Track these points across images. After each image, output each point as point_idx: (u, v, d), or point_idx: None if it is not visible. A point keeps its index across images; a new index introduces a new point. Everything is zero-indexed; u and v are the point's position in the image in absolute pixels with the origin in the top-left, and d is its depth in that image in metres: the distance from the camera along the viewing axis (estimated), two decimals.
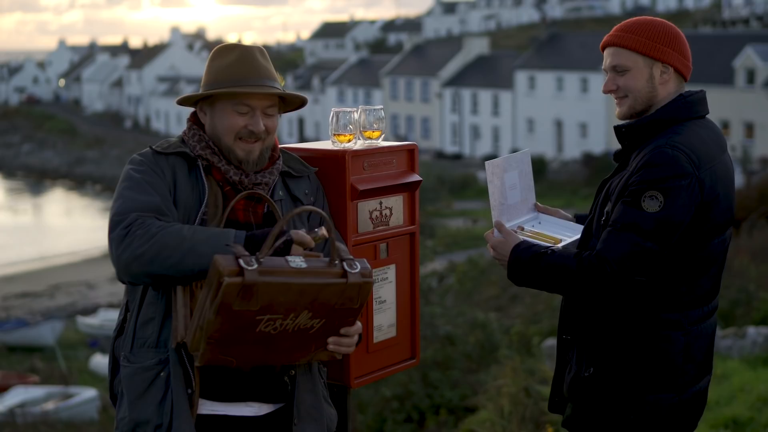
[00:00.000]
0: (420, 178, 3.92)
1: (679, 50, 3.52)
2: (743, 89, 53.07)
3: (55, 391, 24.43)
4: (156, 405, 3.20)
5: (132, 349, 3.27)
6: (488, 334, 14.39)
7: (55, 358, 29.15)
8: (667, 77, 3.51)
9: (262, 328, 3.02)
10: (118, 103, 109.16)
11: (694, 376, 3.51)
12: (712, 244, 3.44)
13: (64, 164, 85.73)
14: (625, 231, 3.32)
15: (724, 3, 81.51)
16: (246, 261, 2.94)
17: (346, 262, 3.09)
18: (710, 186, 3.39)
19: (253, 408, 3.32)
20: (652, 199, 3.30)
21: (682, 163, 3.32)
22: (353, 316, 3.15)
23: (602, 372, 3.49)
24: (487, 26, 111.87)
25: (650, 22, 3.55)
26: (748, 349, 11.22)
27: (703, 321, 3.51)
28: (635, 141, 3.50)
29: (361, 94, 76.61)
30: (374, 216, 3.77)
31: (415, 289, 3.98)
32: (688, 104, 3.51)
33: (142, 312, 3.27)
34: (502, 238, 3.59)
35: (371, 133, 3.77)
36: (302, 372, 3.35)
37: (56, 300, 38.99)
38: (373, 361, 3.83)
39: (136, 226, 3.10)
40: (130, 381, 3.25)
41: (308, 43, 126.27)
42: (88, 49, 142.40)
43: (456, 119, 69.85)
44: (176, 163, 3.31)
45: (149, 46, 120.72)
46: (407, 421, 12.81)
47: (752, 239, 17.26)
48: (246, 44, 3.40)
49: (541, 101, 64.59)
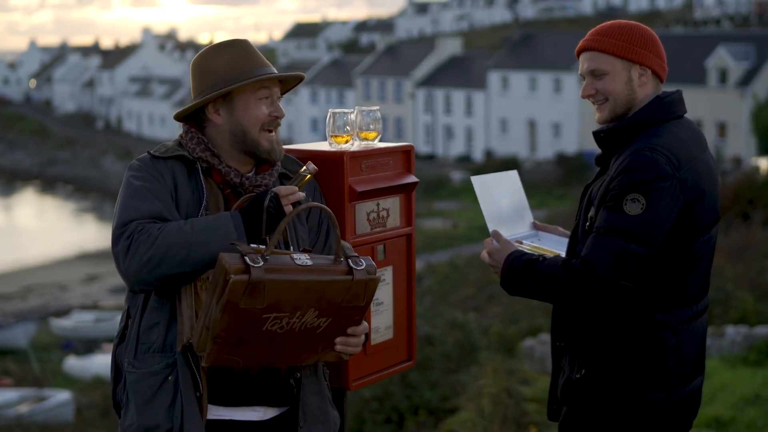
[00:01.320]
0: (417, 180, 3.91)
1: (656, 52, 3.53)
2: (716, 89, 53.40)
3: (28, 393, 24.30)
4: (165, 409, 3.17)
5: (136, 355, 3.24)
6: (467, 335, 14.37)
7: (28, 361, 28.96)
8: (645, 79, 3.52)
9: (268, 327, 3.00)
10: (89, 103, 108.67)
11: (686, 376, 3.51)
12: (697, 243, 3.44)
13: (35, 165, 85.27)
14: (608, 235, 3.31)
15: (696, 3, 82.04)
16: (252, 258, 2.93)
17: (351, 259, 3.09)
18: (692, 186, 3.39)
19: (259, 412, 3.30)
20: (634, 202, 3.30)
21: (661, 165, 3.32)
22: (360, 314, 3.14)
23: (594, 373, 3.48)
24: (459, 26, 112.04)
25: (625, 25, 3.56)
26: (728, 349, 11.28)
27: (693, 320, 3.50)
28: (614, 145, 3.50)
29: (334, 94, 76.54)
30: (371, 217, 3.76)
31: (411, 290, 3.96)
32: (665, 105, 3.51)
33: (145, 318, 3.23)
34: (499, 246, 3.57)
35: (368, 134, 3.75)
36: (308, 374, 3.34)
37: (29, 302, 38.77)
38: (371, 363, 3.82)
39: (137, 234, 3.10)
40: (137, 387, 3.21)
41: (280, 44, 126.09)
42: (59, 49, 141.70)
43: (429, 119, 69.91)
44: (175, 167, 3.28)
45: (121, 47, 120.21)
46: (387, 422, 12.78)
47: (728, 238, 17.34)
48: (236, 39, 3.40)
49: (514, 101, 64.75)
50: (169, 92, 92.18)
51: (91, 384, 25.73)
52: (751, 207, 19.85)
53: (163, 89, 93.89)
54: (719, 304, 13.10)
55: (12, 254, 48.84)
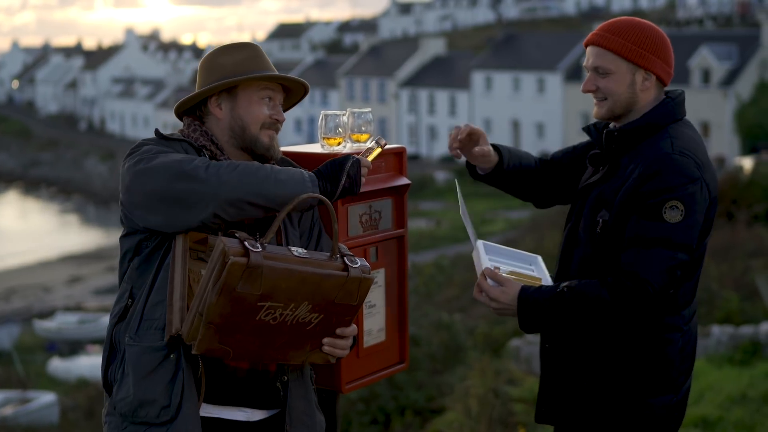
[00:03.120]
0: (409, 182, 3.90)
1: (664, 58, 3.47)
2: (699, 89, 53.52)
3: (12, 396, 24.20)
4: (164, 385, 3.14)
5: (138, 331, 3.20)
6: (453, 335, 14.39)
7: (12, 363, 28.85)
8: (649, 84, 3.47)
9: (262, 317, 3.01)
10: (72, 104, 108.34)
11: (686, 373, 3.52)
12: (704, 243, 3.45)
13: (18, 166, 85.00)
14: (654, 246, 3.26)
15: (679, 3, 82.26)
16: (251, 243, 2.95)
17: (346, 257, 3.11)
18: (713, 187, 3.40)
19: (246, 413, 3.29)
20: (673, 209, 3.27)
21: (691, 168, 3.31)
22: (350, 314, 3.15)
23: (599, 378, 3.46)
24: (443, 27, 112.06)
25: (637, 25, 3.49)
26: (713, 348, 11.32)
27: (692, 318, 3.52)
28: (626, 145, 3.45)
29: (318, 95, 76.48)
30: (364, 220, 3.75)
31: (403, 293, 3.94)
32: (675, 106, 3.48)
33: (152, 296, 3.20)
34: (501, 287, 3.44)
35: (360, 136, 3.74)
36: (295, 378, 3.33)
37: (12, 303, 38.62)
38: (364, 365, 3.81)
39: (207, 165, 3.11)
40: (138, 360, 3.17)
41: (264, 44, 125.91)
42: (41, 50, 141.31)
43: (413, 120, 69.92)
44: (184, 148, 3.29)
45: (103, 48, 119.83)
46: (373, 423, 12.79)
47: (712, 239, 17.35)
48: (252, 43, 3.44)
49: (498, 101, 64.79)
50: (152, 93, 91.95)
51: (76, 386, 25.65)
52: (734, 207, 19.93)
53: (147, 90, 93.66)
54: (704, 304, 13.15)
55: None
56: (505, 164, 3.79)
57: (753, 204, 20.53)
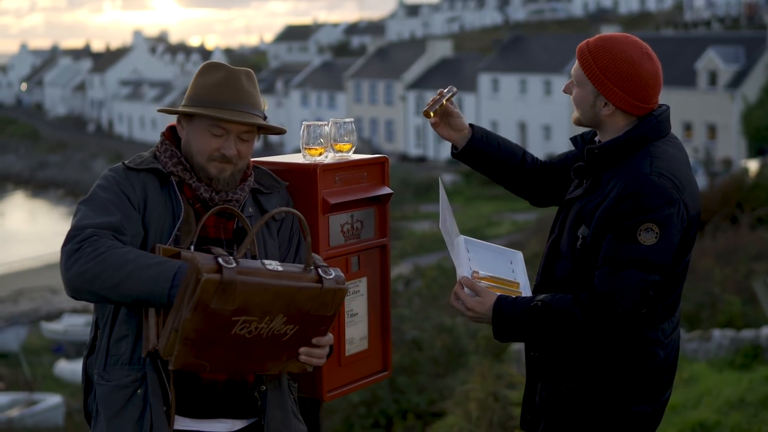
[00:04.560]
0: (391, 191, 3.92)
1: (630, 92, 3.40)
2: (705, 91, 53.46)
3: (19, 397, 24.27)
4: (134, 422, 3.18)
5: (106, 367, 3.24)
6: (455, 339, 14.37)
7: (20, 365, 28.92)
8: (609, 111, 3.44)
9: (237, 331, 3.02)
10: (80, 107, 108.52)
11: (667, 384, 3.55)
12: (684, 261, 3.46)
13: (26, 169, 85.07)
14: (627, 268, 3.27)
15: (686, 5, 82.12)
16: (225, 260, 2.96)
17: (321, 268, 3.11)
18: (691, 206, 3.39)
19: (226, 424, 3.32)
20: (648, 232, 3.26)
21: (669, 190, 3.30)
22: (326, 325, 3.16)
23: (581, 386, 3.48)
24: (450, 29, 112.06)
25: (614, 52, 3.41)
26: (714, 352, 11.29)
27: (674, 331, 3.53)
28: (608, 162, 3.44)
29: (325, 97, 76.53)
30: (345, 229, 3.77)
31: (386, 301, 3.97)
32: (658, 124, 3.45)
33: (115, 330, 3.24)
34: (478, 297, 3.48)
35: (342, 146, 3.77)
36: (272, 388, 3.36)
37: (20, 305, 38.67)
38: (345, 373, 3.83)
39: (87, 243, 3.09)
40: (107, 399, 3.22)
41: (271, 46, 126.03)
42: (50, 52, 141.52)
43: (420, 122, 69.87)
44: (147, 180, 3.29)
45: (112, 50, 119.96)
46: (375, 427, 12.79)
47: (716, 242, 17.33)
48: (232, 67, 3.38)
49: (505, 104, 64.76)
50: (160, 95, 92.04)
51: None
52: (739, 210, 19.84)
53: (154, 92, 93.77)
54: (706, 308, 13.12)
55: (3, 258, 48.76)
56: (476, 137, 3.79)
57: (757, 207, 20.44)
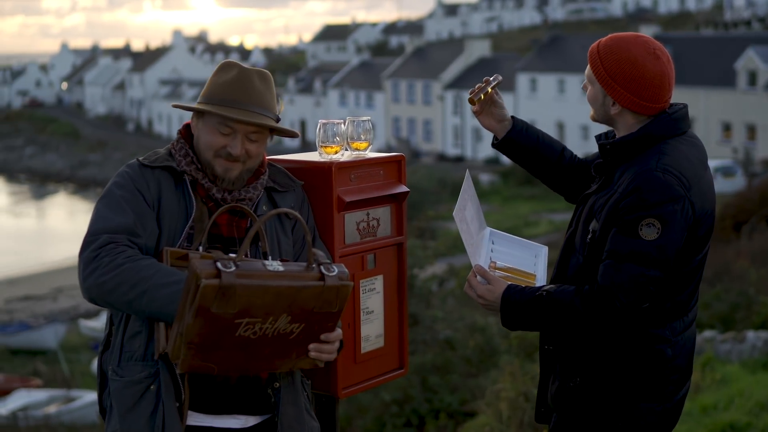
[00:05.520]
0: (407, 189, 3.92)
1: (635, 92, 3.43)
2: (745, 91, 53.06)
3: (57, 394, 24.47)
4: (147, 418, 3.21)
5: (120, 363, 3.28)
6: (488, 338, 14.36)
7: (58, 362, 29.16)
8: (617, 110, 3.48)
9: (241, 333, 3.03)
10: (120, 106, 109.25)
11: (678, 384, 3.54)
12: (696, 259, 3.45)
13: (66, 167, 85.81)
14: (626, 261, 3.29)
15: (726, 5, 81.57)
16: (223, 264, 2.96)
17: (323, 266, 3.10)
18: (699, 206, 3.38)
19: (240, 420, 3.34)
20: (650, 227, 3.27)
21: (674, 187, 3.30)
22: (332, 321, 3.16)
23: (589, 382, 3.49)
24: (488, 28, 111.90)
25: (620, 52, 3.46)
26: (748, 353, 11.21)
27: (685, 331, 3.52)
28: (619, 158, 3.47)
29: (363, 96, 76.61)
30: (361, 227, 3.78)
31: (403, 299, 3.98)
32: (673, 121, 3.46)
33: (129, 326, 3.28)
34: (488, 285, 3.53)
35: (359, 144, 3.78)
36: (286, 384, 3.37)
37: (59, 303, 38.98)
38: (361, 371, 3.84)
39: (105, 252, 3.14)
40: (120, 395, 3.26)
41: (310, 46, 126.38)
42: (90, 52, 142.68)
43: (458, 121, 69.82)
44: (162, 177, 3.33)
45: (151, 49, 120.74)
46: (407, 426, 12.81)
47: (752, 242, 17.23)
48: (247, 66, 3.40)
49: (543, 103, 64.56)
50: (198, 95, 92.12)
51: None
52: None
53: (194, 91, 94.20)
54: (741, 309, 13.04)
55: (43, 256, 49.19)
56: (517, 129, 3.84)
57: None
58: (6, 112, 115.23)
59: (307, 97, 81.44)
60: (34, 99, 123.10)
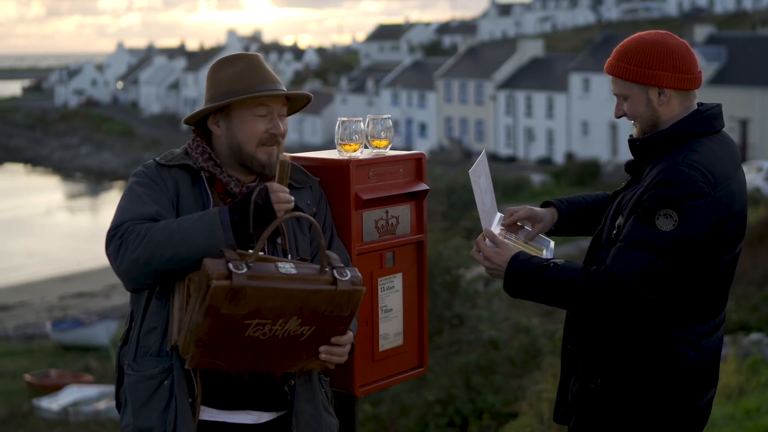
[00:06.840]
0: (427, 188, 3.91)
1: (672, 67, 3.44)
2: None
3: (108, 390, 24.74)
4: (160, 412, 3.24)
5: (135, 358, 3.31)
6: (532, 339, 14.31)
7: (109, 358, 29.46)
8: (665, 98, 3.46)
9: (251, 333, 3.04)
10: (174, 105, 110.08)
11: (701, 390, 3.49)
12: (722, 261, 3.41)
13: (121, 166, 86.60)
14: (637, 248, 3.28)
15: None
16: (235, 265, 2.96)
17: (336, 269, 3.10)
18: (726, 205, 3.34)
19: (254, 416, 3.35)
20: (667, 218, 3.26)
21: (698, 182, 3.28)
22: (344, 324, 3.16)
23: (610, 384, 3.47)
24: (542, 28, 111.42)
25: (637, 45, 3.49)
26: None
27: (711, 335, 3.48)
28: (649, 155, 3.45)
29: (415, 96, 76.59)
30: (380, 225, 3.78)
31: (422, 297, 3.96)
32: (704, 119, 3.45)
33: (146, 321, 3.31)
34: (496, 248, 3.54)
35: (379, 142, 3.78)
36: (302, 382, 3.37)
37: (112, 300, 39.40)
38: (379, 369, 3.84)
39: (127, 234, 3.17)
40: (135, 389, 3.29)
41: (363, 45, 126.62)
42: (145, 51, 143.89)
43: (510, 122, 69.61)
44: (179, 175, 3.34)
45: (206, 49, 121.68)
46: (449, 426, 12.80)
47: None
48: (248, 53, 3.44)
49: (596, 104, 64.08)
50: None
51: None
52: None
53: None
54: None
55: (97, 253, 49.66)
56: (562, 213, 3.83)
57: None
58: (62, 111, 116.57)
59: (359, 97, 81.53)
60: (90, 98, 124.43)
